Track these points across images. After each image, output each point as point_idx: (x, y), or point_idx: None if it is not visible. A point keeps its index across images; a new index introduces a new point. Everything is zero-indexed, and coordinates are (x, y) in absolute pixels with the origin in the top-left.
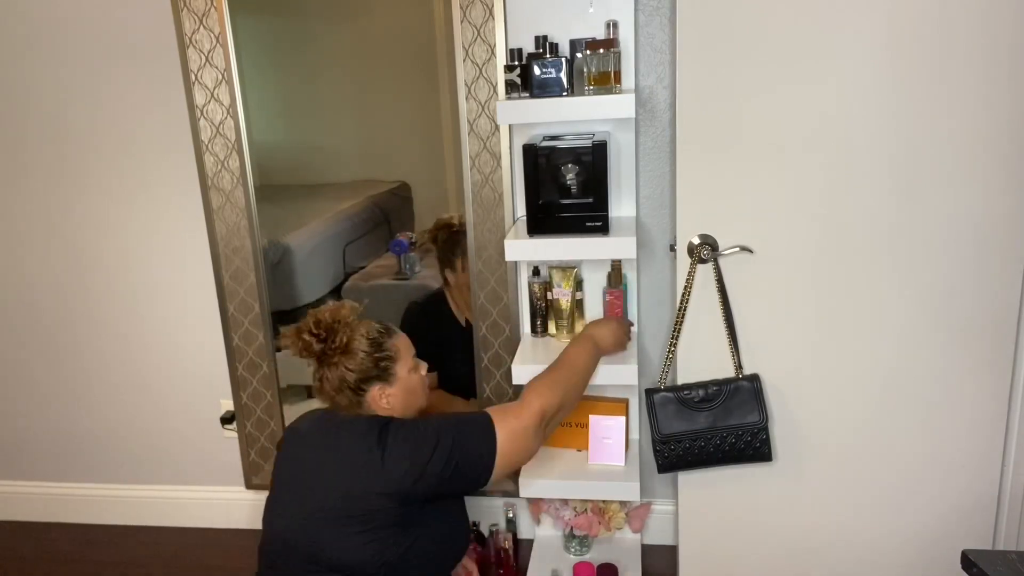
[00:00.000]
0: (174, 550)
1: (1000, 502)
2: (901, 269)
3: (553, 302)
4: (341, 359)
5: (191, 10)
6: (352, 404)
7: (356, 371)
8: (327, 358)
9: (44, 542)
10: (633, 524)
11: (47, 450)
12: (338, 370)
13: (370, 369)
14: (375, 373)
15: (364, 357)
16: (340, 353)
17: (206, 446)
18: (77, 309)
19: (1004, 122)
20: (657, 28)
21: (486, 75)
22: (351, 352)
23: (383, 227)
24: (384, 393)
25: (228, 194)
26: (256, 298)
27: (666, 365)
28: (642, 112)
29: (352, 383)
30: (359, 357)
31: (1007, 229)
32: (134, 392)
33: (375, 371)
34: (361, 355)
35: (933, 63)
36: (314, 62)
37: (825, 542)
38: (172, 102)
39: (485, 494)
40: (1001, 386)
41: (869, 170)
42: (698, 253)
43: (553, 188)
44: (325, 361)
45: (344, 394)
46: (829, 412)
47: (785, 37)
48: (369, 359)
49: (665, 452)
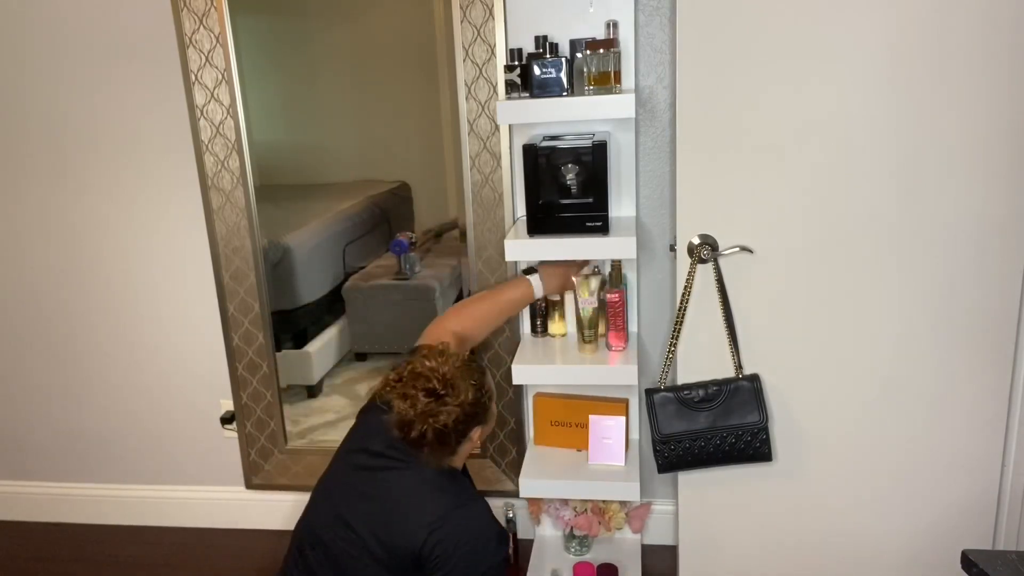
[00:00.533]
0: (174, 550)
1: (1000, 502)
2: (901, 269)
3: (577, 312)
4: (455, 411)
5: (191, 10)
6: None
7: (465, 421)
8: (437, 413)
9: (44, 542)
10: (633, 524)
11: (47, 450)
12: (449, 423)
13: (476, 414)
14: (479, 417)
15: (474, 404)
16: (456, 405)
17: (206, 446)
18: (77, 309)
19: (1004, 122)
20: (657, 28)
21: (486, 75)
22: (463, 403)
23: (383, 227)
24: (480, 433)
25: (228, 194)
26: (256, 298)
27: (666, 365)
28: (642, 112)
29: (459, 434)
30: (470, 407)
31: (1007, 229)
32: (134, 392)
33: (480, 414)
34: (472, 403)
35: (933, 63)
36: (314, 62)
37: (825, 542)
38: (172, 102)
39: (485, 494)
40: (1001, 386)
41: (869, 170)
42: (698, 253)
43: (553, 188)
44: (434, 415)
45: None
46: (829, 412)
47: (785, 37)
48: (478, 405)
49: (665, 452)
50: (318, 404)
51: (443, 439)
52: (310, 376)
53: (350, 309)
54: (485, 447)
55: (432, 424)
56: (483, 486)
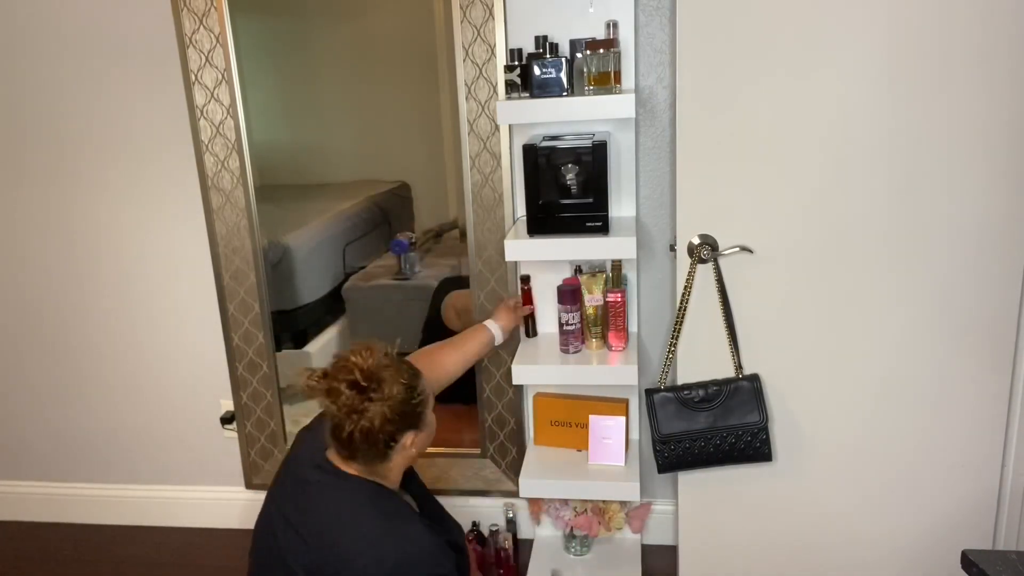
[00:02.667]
0: (174, 550)
1: (1000, 502)
2: (901, 269)
3: (583, 311)
4: (381, 410)
5: (191, 10)
6: (376, 457)
7: (393, 421)
8: (363, 411)
9: (44, 542)
10: (633, 524)
11: (47, 450)
12: (375, 422)
13: (407, 416)
14: (410, 420)
15: (403, 404)
16: (381, 403)
17: (206, 446)
18: (77, 309)
19: (1004, 122)
20: (657, 28)
21: (486, 75)
22: (391, 401)
23: (383, 227)
24: (413, 440)
25: (228, 194)
26: (256, 298)
27: (666, 365)
28: (642, 112)
29: (388, 435)
30: (398, 407)
31: (1007, 229)
32: (134, 392)
33: (411, 418)
34: (401, 403)
35: (933, 63)
36: (314, 62)
37: (825, 542)
38: (172, 102)
39: (485, 494)
40: (1001, 386)
41: (869, 170)
42: (698, 253)
43: (553, 188)
44: (360, 413)
45: (376, 447)
46: (829, 412)
47: (785, 37)
48: (408, 405)
49: (665, 452)
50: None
51: (371, 440)
52: None
53: (350, 309)
54: (485, 447)
55: (357, 422)
56: (483, 486)
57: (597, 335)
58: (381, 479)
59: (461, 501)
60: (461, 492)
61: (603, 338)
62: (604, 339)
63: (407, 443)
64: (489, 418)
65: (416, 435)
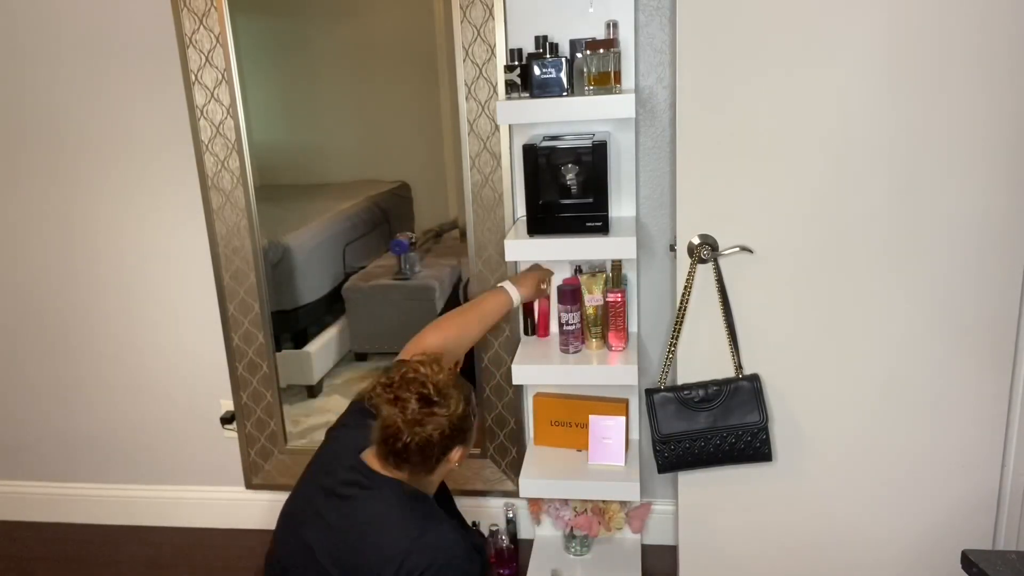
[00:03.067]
0: (174, 550)
1: (1000, 502)
2: (901, 269)
3: (583, 311)
4: (443, 424)
5: (191, 10)
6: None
7: (450, 437)
8: (425, 423)
9: (44, 542)
10: (633, 524)
11: (47, 450)
12: (435, 435)
13: (462, 433)
14: (462, 436)
15: (461, 421)
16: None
17: (206, 446)
18: (77, 309)
19: (1004, 122)
20: (657, 28)
21: (486, 75)
22: (453, 417)
23: (383, 227)
24: (460, 455)
25: (228, 194)
26: (256, 298)
27: (666, 365)
28: (642, 112)
29: (442, 449)
30: (457, 422)
31: (1007, 229)
32: (134, 392)
33: (464, 434)
34: (460, 419)
35: (933, 63)
36: (314, 62)
37: (825, 542)
38: (172, 102)
39: (485, 494)
40: (1001, 386)
41: (869, 170)
42: (698, 253)
43: (553, 188)
44: (421, 424)
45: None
46: (829, 412)
47: (785, 37)
48: (465, 423)
49: (665, 452)
50: (318, 404)
51: (426, 453)
52: (310, 376)
53: (350, 309)
54: (485, 447)
55: (418, 434)
56: (483, 486)
57: (597, 335)
58: (420, 487)
59: (461, 501)
60: (461, 492)
61: (603, 338)
62: (604, 339)
63: (454, 457)
64: (489, 418)
65: (463, 449)
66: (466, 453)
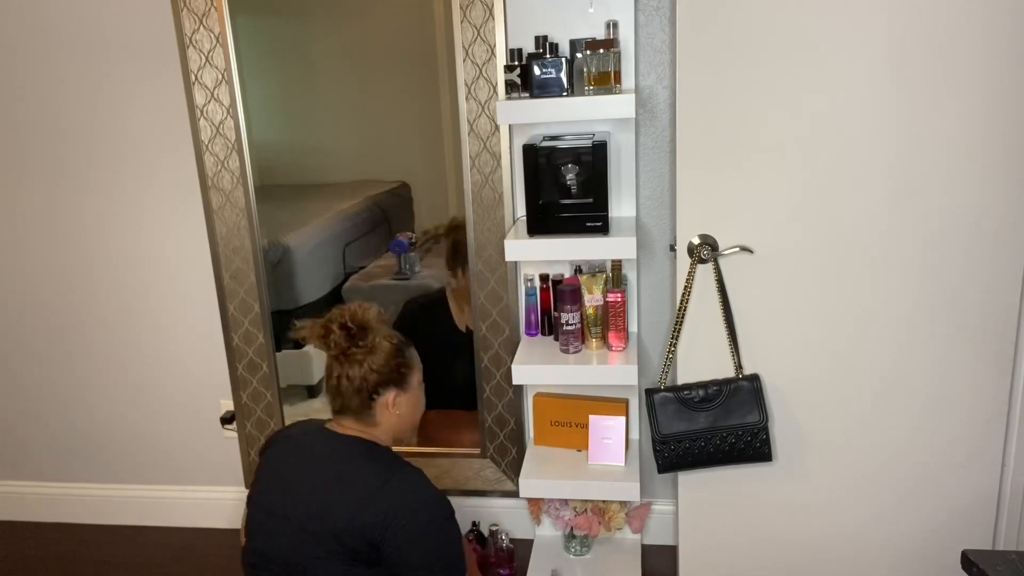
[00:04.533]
0: (174, 550)
1: (1000, 502)
2: (901, 269)
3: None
4: (367, 358)
5: (191, 10)
6: (362, 407)
7: (378, 372)
8: (351, 356)
9: (44, 542)
10: (633, 524)
11: (47, 450)
12: (361, 368)
13: (391, 373)
14: (394, 378)
15: (387, 360)
16: (367, 352)
17: (206, 446)
18: (77, 309)
19: (1004, 122)
20: (657, 28)
21: (486, 75)
22: (376, 353)
23: (383, 227)
24: (396, 400)
25: (228, 194)
26: (256, 298)
27: (666, 365)
28: (642, 112)
29: (371, 384)
30: (383, 359)
31: (1007, 229)
32: (134, 392)
33: (395, 376)
34: (386, 357)
35: (933, 64)
36: (314, 62)
37: (825, 542)
38: (172, 102)
39: (485, 494)
40: (1001, 386)
41: (869, 170)
42: (698, 253)
43: (553, 188)
44: (349, 359)
45: (361, 395)
46: (829, 412)
47: (785, 37)
48: (392, 362)
49: (665, 452)
50: (318, 404)
51: (356, 387)
52: (310, 376)
53: None
54: (485, 447)
55: (344, 368)
56: (483, 486)
57: (597, 335)
58: (374, 439)
59: (461, 501)
60: (461, 492)
61: (603, 338)
62: (604, 339)
63: (389, 401)
64: (489, 418)
65: (398, 395)
66: (409, 406)
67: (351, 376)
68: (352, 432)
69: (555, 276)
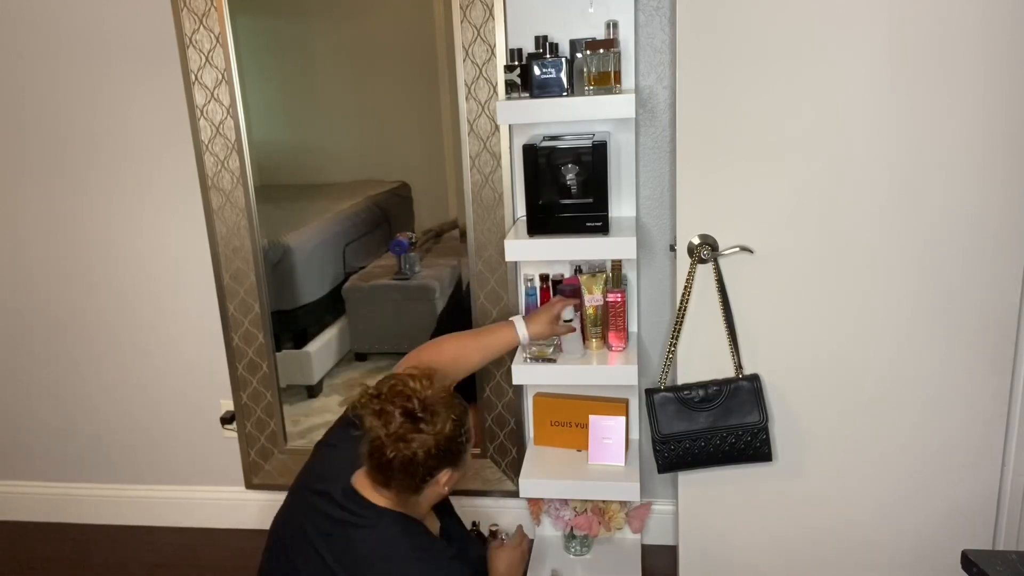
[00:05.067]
0: (174, 550)
1: (1000, 502)
2: (901, 269)
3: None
4: (424, 441)
5: (191, 10)
6: (408, 487)
7: (435, 457)
8: (404, 438)
9: (44, 542)
10: (633, 524)
11: (47, 450)
12: (411, 452)
13: (450, 454)
14: (452, 459)
15: (450, 442)
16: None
17: (206, 446)
18: (77, 309)
19: (1004, 122)
20: (657, 28)
21: (486, 75)
22: (439, 435)
23: (383, 227)
24: (450, 479)
25: (228, 194)
26: (256, 298)
27: (666, 365)
28: (642, 112)
29: (429, 468)
30: (445, 442)
31: (1007, 229)
32: (134, 392)
33: (453, 456)
34: (448, 439)
35: (933, 64)
36: (314, 62)
37: (825, 542)
38: (172, 102)
39: (485, 494)
40: (1001, 386)
41: (869, 170)
42: (698, 253)
43: (553, 188)
44: (400, 439)
45: (414, 478)
46: (829, 412)
47: (785, 38)
48: (453, 444)
49: (665, 452)
50: (318, 404)
51: (410, 472)
52: (310, 376)
53: (350, 309)
54: (485, 447)
55: (402, 451)
56: (483, 486)
57: (597, 335)
58: (409, 511)
59: (461, 501)
60: (461, 492)
61: (603, 338)
62: (604, 339)
63: (442, 480)
64: (489, 418)
65: (452, 473)
66: (456, 478)
67: (405, 459)
68: (387, 504)
69: (555, 276)
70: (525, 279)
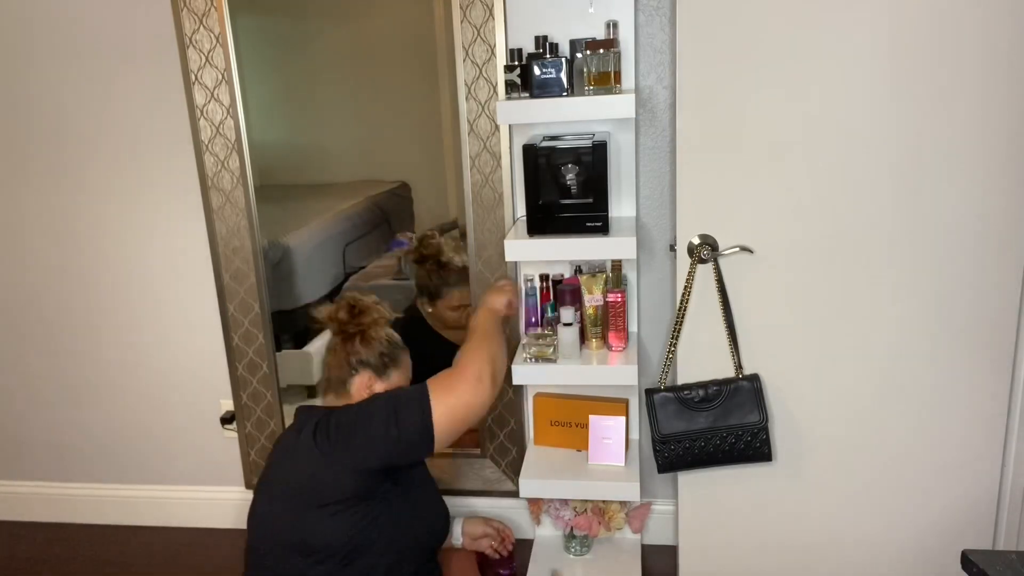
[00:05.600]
0: (174, 550)
1: (1000, 502)
2: (901, 269)
3: (583, 311)
4: (358, 338)
5: (191, 10)
6: (340, 382)
7: (362, 353)
8: (347, 333)
9: (44, 542)
10: (633, 524)
11: (47, 450)
12: (352, 346)
13: (373, 359)
14: (374, 363)
15: (375, 347)
16: (359, 333)
17: (206, 446)
18: (77, 309)
19: (1004, 122)
20: (657, 28)
21: (486, 75)
22: (368, 338)
23: (383, 227)
24: (371, 384)
25: (228, 194)
26: (256, 298)
27: (666, 365)
28: (642, 112)
29: (353, 362)
30: (372, 344)
31: (1007, 229)
32: (134, 392)
33: (376, 362)
34: (375, 343)
35: (933, 64)
36: (314, 62)
37: (825, 542)
38: (172, 102)
39: (485, 494)
40: (1001, 386)
41: (869, 170)
42: (698, 253)
43: (553, 188)
44: (344, 335)
45: (342, 369)
46: (829, 412)
47: (785, 37)
48: (377, 350)
49: (665, 452)
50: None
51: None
52: (310, 376)
53: None
54: (485, 447)
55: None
56: (483, 486)
57: (597, 335)
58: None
59: (461, 501)
60: (461, 492)
61: (603, 338)
62: (604, 339)
63: (366, 382)
64: (489, 418)
65: (376, 381)
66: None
67: (339, 350)
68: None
69: (555, 276)
70: (525, 279)
